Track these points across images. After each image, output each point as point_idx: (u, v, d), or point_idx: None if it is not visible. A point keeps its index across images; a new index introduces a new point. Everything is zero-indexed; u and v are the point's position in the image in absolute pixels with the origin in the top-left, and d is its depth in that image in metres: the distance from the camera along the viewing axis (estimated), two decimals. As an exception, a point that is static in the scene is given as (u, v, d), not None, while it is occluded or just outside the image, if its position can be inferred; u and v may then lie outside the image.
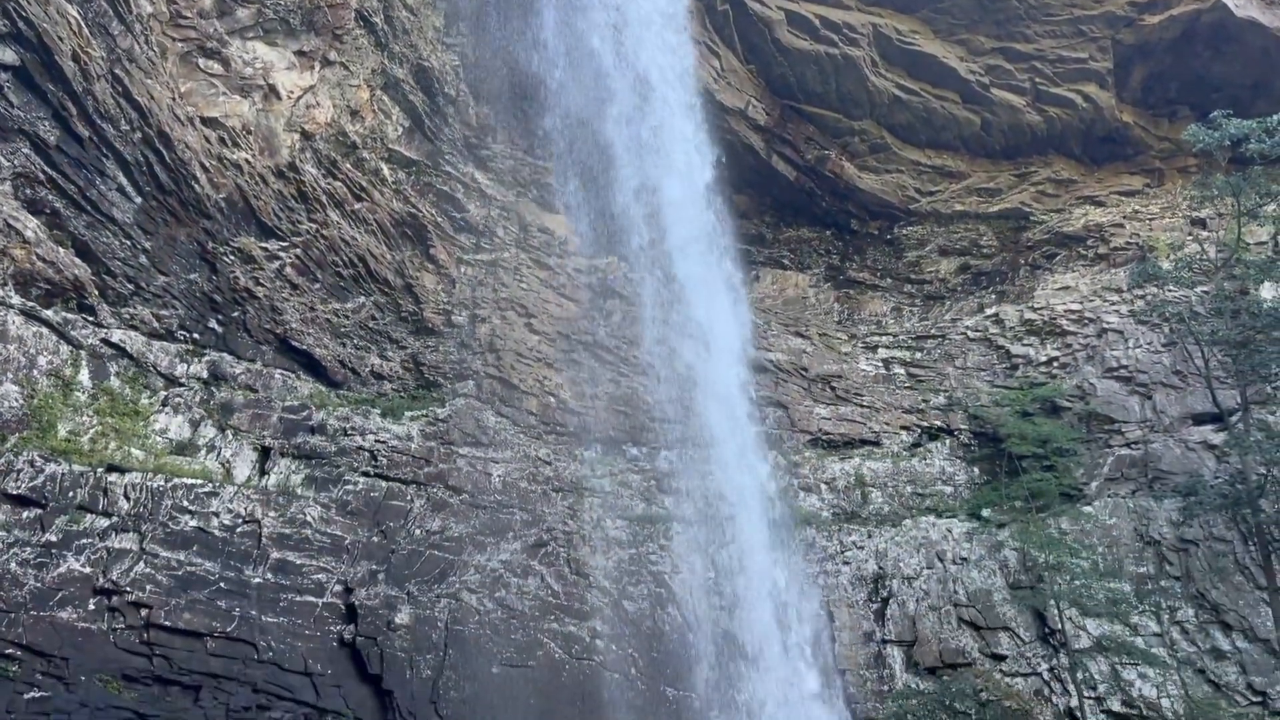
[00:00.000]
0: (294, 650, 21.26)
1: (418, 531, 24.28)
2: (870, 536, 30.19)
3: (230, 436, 22.78)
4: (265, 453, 23.16)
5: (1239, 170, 28.06)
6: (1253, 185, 27.68)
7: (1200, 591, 27.62)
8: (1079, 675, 25.37)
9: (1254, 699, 25.97)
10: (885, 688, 27.34)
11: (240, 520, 21.63)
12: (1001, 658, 27.41)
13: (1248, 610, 27.08)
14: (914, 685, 26.90)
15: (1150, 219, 32.67)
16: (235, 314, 23.37)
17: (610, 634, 25.96)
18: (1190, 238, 31.86)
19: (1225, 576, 27.58)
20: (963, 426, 31.91)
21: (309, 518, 22.68)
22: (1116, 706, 26.29)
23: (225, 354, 23.37)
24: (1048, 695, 26.74)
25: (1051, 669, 27.00)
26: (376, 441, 24.49)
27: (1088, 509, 29.08)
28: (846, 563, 29.73)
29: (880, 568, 29.47)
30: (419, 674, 22.56)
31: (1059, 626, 26.16)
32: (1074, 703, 25.77)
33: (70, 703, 18.04)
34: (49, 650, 18.19)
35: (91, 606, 19.11)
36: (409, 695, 22.23)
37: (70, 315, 21.03)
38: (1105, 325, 31.78)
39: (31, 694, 17.74)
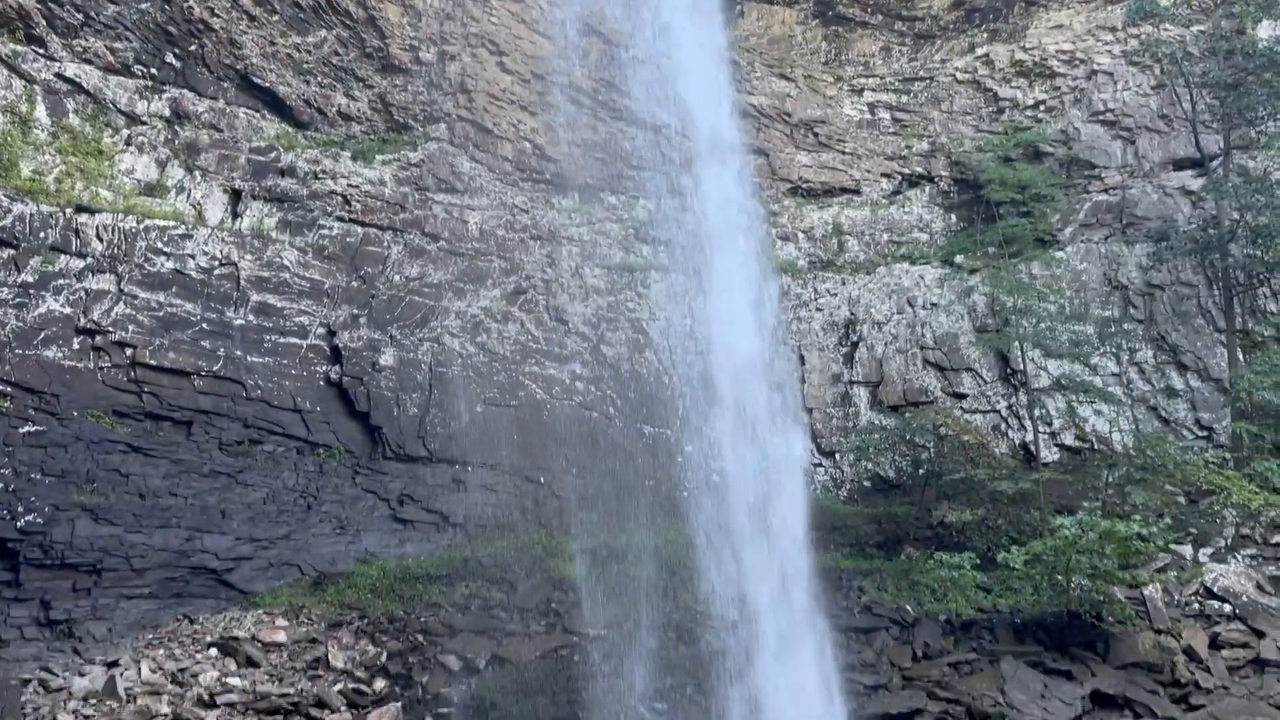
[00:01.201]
0: (281, 389, 21.86)
1: (396, 277, 24.39)
2: (844, 284, 30.66)
3: (199, 178, 22.32)
4: (236, 195, 22.79)
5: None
6: (1266, -89, 26.19)
7: (1161, 334, 28.56)
8: (1036, 412, 26.61)
9: (1200, 434, 27.48)
10: (850, 424, 28.71)
11: (217, 263, 21.59)
12: (962, 396, 28.65)
13: (1204, 351, 28.13)
14: (877, 422, 28.22)
15: (1155, -52, 30.98)
16: (193, 47, 22.23)
17: (589, 377, 26.77)
18: (1194, -30, 30.41)
19: (1187, 320, 28.44)
20: (944, 173, 31.66)
21: (286, 261, 22.65)
22: (1069, 440, 27.80)
23: (186, 91, 22.45)
24: (1004, 430, 28.18)
25: (1010, 406, 28.32)
26: (349, 186, 24.08)
27: (1060, 254, 29.47)
28: (819, 309, 30.35)
29: (852, 314, 30.14)
30: (405, 411, 23.38)
31: (1021, 367, 27.12)
32: (1029, 437, 27.17)
33: (65, 436, 18.67)
34: (38, 387, 18.61)
35: (76, 346, 19.38)
36: (397, 431, 23.14)
37: (19, 48, 20.01)
38: (1096, 66, 30.89)
39: (26, 428, 18.31)
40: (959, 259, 30.20)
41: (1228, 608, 21.20)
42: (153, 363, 20.10)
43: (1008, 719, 18.06)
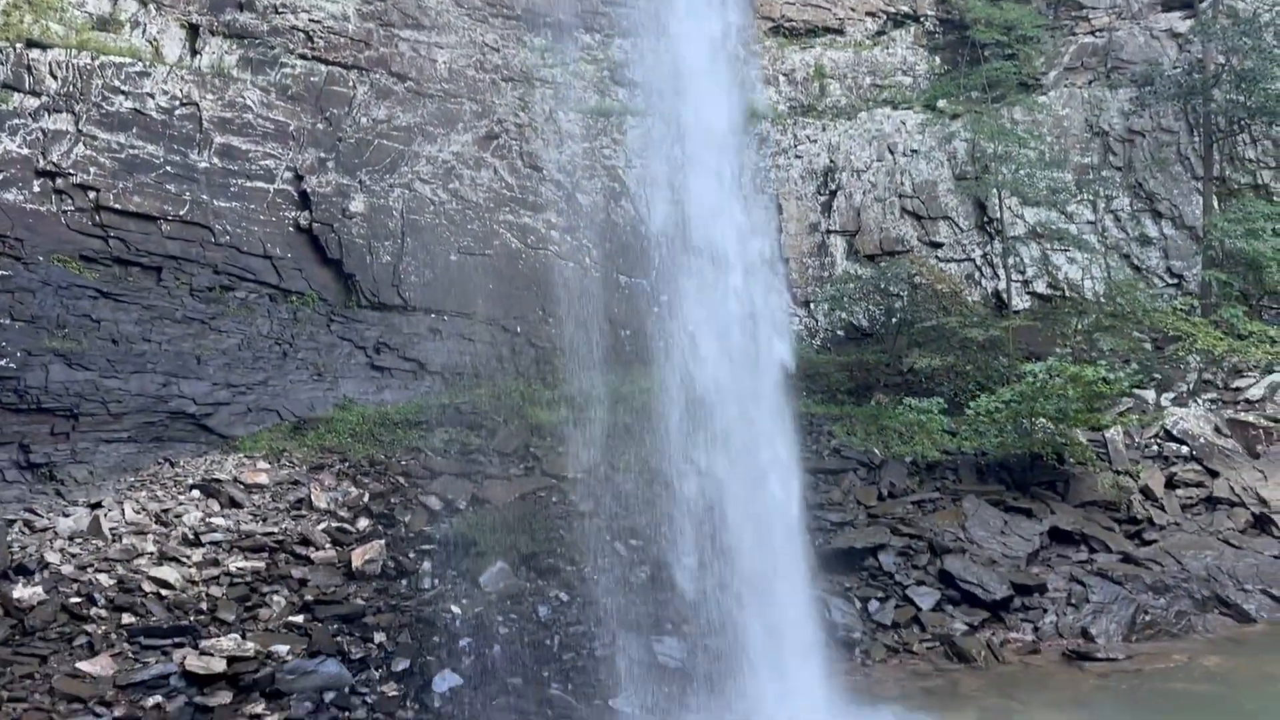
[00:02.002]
0: (251, 234, 21.51)
1: (364, 120, 23.68)
2: (824, 130, 30.09)
3: (154, 12, 21.27)
4: (194, 31, 21.78)
5: None
6: None
7: (1139, 181, 28.47)
8: (1010, 260, 26.71)
9: (1170, 281, 27.80)
10: (825, 274, 28.71)
11: (177, 102, 20.83)
12: (938, 245, 28.64)
13: (1180, 199, 28.14)
14: (852, 271, 28.26)
15: None
16: None
17: (565, 225, 26.44)
18: None
19: (1165, 167, 28.32)
20: (929, 12, 30.66)
21: (249, 101, 21.89)
22: (1041, 288, 28.03)
23: (132, -85, 21.17)
24: (977, 279, 28.33)
25: (985, 255, 28.39)
26: (310, 20, 23.06)
27: (1042, 99, 28.99)
28: (799, 157, 29.89)
29: (831, 161, 29.71)
30: (379, 259, 23.14)
31: (997, 215, 27.07)
32: (1002, 285, 27.38)
33: (32, 281, 18.39)
34: (1, 231, 18.21)
35: (36, 189, 18.89)
36: (370, 279, 22.97)
37: None
38: (1091, -105, 29.70)
39: (-8, 272, 18.01)
40: (941, 103, 29.64)
41: (1185, 449, 21.92)
42: (117, 206, 19.66)
43: (968, 553, 18.81)
